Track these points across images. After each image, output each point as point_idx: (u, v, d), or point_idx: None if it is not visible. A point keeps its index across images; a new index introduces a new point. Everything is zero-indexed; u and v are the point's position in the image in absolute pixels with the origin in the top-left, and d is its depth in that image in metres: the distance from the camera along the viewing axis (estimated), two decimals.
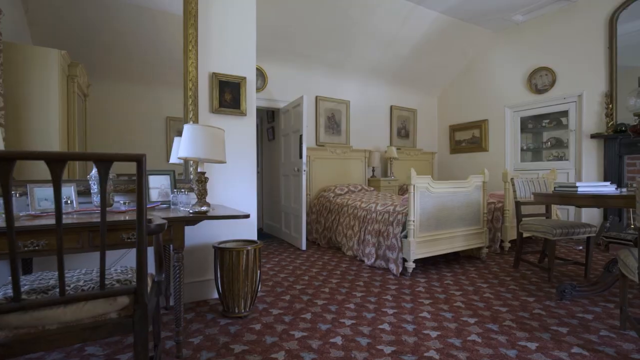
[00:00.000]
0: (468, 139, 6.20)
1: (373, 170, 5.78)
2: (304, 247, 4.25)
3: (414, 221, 3.13)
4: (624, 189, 2.58)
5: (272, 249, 4.33)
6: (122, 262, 2.32)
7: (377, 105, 6.09)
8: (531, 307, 2.44)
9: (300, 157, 4.24)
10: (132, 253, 2.34)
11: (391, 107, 6.21)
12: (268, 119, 5.66)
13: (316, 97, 5.36)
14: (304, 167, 4.18)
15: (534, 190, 3.49)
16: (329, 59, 5.24)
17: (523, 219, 3.38)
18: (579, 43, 4.70)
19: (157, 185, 2.29)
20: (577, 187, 2.35)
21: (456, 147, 6.46)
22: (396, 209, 3.45)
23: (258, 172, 6.08)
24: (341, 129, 5.62)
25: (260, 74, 4.87)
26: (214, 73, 2.61)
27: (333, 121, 5.53)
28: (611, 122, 4.34)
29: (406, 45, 5.41)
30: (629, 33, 4.27)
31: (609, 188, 2.37)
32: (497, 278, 3.11)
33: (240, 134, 2.75)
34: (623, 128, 4.14)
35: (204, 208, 1.87)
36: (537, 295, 2.66)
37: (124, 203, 2.06)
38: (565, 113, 4.96)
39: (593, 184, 2.37)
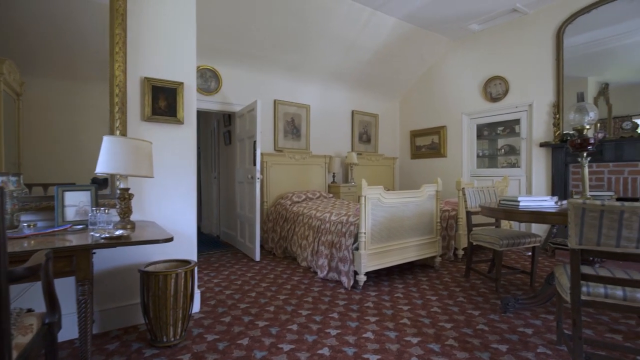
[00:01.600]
0: (428, 144, 6.27)
1: (334, 176, 5.70)
2: (257, 258, 4.09)
3: (365, 233, 3.06)
4: (565, 202, 2.63)
5: (224, 261, 4.14)
6: (22, 299, 2.03)
7: (338, 110, 6.01)
8: (475, 322, 2.42)
9: (254, 164, 4.07)
10: (39, 286, 2.06)
11: (353, 111, 6.16)
12: (224, 122, 5.43)
13: (274, 101, 5.20)
14: (258, 175, 4.01)
15: (484, 200, 3.53)
16: (288, 62, 5.09)
17: (473, 228, 3.40)
18: (529, 54, 4.84)
19: (75, 203, 2.06)
20: (519, 202, 2.35)
21: (416, 152, 6.51)
22: (349, 219, 3.37)
23: (215, 178, 5.84)
24: (301, 133, 5.49)
25: (214, 76, 4.64)
26: (146, 78, 2.40)
27: (292, 126, 5.39)
28: (558, 132, 4.50)
29: (367, 50, 5.36)
30: (575, 46, 4.44)
31: (548, 203, 2.39)
32: (447, 289, 3.10)
33: (177, 143, 2.55)
34: (568, 138, 4.29)
35: (119, 232, 1.68)
36: (483, 308, 2.66)
37: (30, 225, 1.82)
38: (517, 121, 5.10)
39: (534, 199, 2.38)
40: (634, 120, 3.95)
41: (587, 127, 2.43)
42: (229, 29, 4.27)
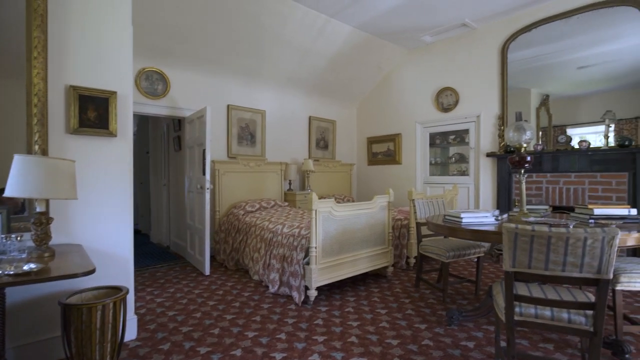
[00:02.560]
0: (384, 151, 6.37)
1: (290, 184, 5.61)
2: (207, 272, 3.91)
3: (315, 247, 3.01)
4: (505, 216, 2.74)
5: (172, 276, 3.91)
6: None
7: (295, 116, 5.93)
8: (421, 337, 2.45)
9: (204, 173, 3.88)
10: None
11: (310, 117, 6.11)
12: (174, 127, 5.16)
13: (228, 106, 5.02)
14: (208, 185, 3.83)
15: (433, 211, 3.62)
16: (243, 67, 4.93)
17: (423, 239, 3.47)
18: (477, 67, 5.05)
19: None
20: (462, 218, 2.42)
21: (373, 159, 6.60)
22: (301, 232, 3.31)
23: (164, 185, 5.53)
24: (256, 139, 5.35)
25: (162, 79, 4.38)
26: (72, 86, 2.17)
27: (247, 132, 5.24)
28: (503, 143, 4.74)
29: (323, 57, 5.33)
30: (519, 60, 4.69)
31: (489, 219, 2.48)
32: (397, 301, 3.13)
33: (109, 158, 2.34)
34: (512, 149, 4.53)
35: (29, 266, 1.49)
36: (430, 321, 2.70)
37: None
38: (467, 131, 5.31)
39: (476, 215, 2.46)
40: (567, 133, 4.25)
41: (525, 145, 2.55)
42: (179, 29, 4.04)
